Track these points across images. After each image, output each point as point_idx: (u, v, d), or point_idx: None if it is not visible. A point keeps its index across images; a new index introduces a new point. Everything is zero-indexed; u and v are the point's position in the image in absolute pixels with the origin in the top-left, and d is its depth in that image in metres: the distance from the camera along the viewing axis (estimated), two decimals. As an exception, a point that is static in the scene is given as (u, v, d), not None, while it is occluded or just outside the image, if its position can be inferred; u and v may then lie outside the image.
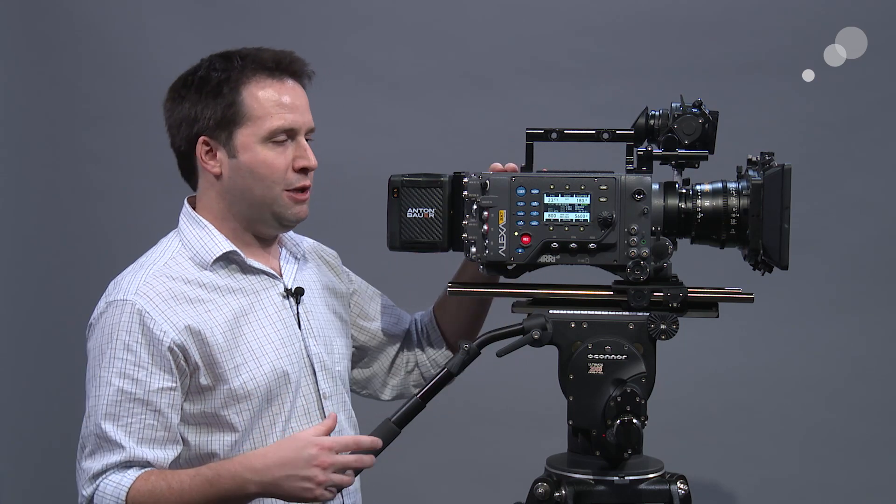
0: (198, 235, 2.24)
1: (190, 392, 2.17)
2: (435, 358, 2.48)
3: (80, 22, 3.62)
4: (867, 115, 3.47)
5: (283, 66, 2.23)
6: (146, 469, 2.10)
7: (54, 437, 3.69)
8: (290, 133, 2.22)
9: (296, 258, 2.35)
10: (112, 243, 3.63)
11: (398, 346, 2.49)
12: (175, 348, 2.13)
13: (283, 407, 2.22)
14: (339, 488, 2.09)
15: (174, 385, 2.14)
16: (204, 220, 2.25)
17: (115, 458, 2.09)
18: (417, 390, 2.11)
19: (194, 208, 2.28)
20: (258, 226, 2.26)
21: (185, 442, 2.18)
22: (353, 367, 2.47)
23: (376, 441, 2.06)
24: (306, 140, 2.25)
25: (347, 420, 2.34)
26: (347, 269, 2.50)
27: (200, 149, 2.22)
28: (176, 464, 2.16)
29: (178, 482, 2.08)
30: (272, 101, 2.20)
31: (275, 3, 3.58)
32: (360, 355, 2.48)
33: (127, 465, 2.10)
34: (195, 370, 2.15)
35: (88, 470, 2.11)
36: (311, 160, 2.23)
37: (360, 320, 2.47)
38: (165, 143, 3.69)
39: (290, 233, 2.37)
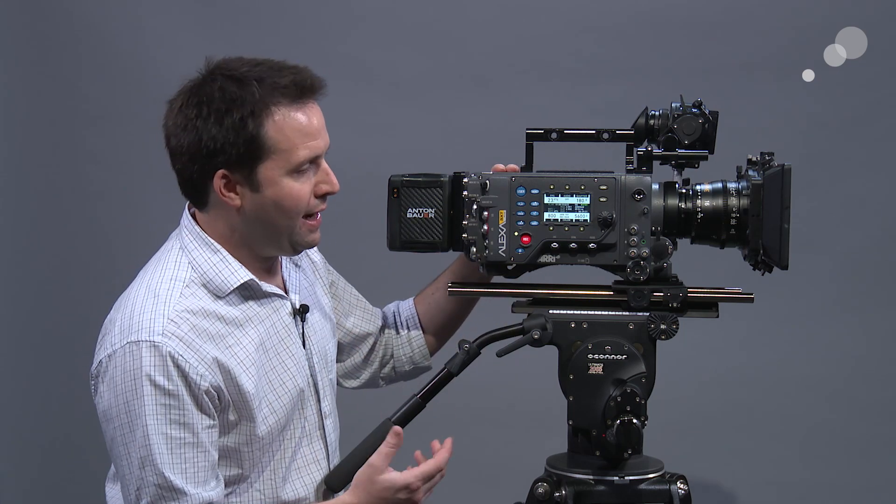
0: (211, 261, 2.12)
1: (220, 427, 2.11)
2: (412, 355, 2.45)
3: (80, 22, 3.62)
4: (867, 115, 3.47)
5: (304, 91, 2.09)
6: None
7: (54, 437, 3.69)
8: (314, 160, 2.12)
9: (296, 264, 2.30)
10: (112, 243, 3.63)
11: (373, 340, 2.45)
12: (212, 390, 2.05)
13: (295, 433, 2.18)
14: None
15: (214, 423, 2.07)
16: (216, 244, 2.13)
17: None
18: (417, 390, 2.12)
19: (197, 222, 2.16)
20: (270, 250, 2.16)
21: None
22: None
23: (440, 460, 2.11)
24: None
25: (335, 431, 2.30)
26: (323, 257, 2.43)
27: (218, 182, 2.07)
28: None
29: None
30: (297, 131, 2.07)
31: (274, 3, 3.58)
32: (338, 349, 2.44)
33: None
34: (227, 407, 2.09)
35: None
36: (335, 185, 2.14)
37: (338, 315, 2.42)
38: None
39: None
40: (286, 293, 2.22)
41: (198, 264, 2.12)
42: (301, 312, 2.22)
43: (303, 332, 2.22)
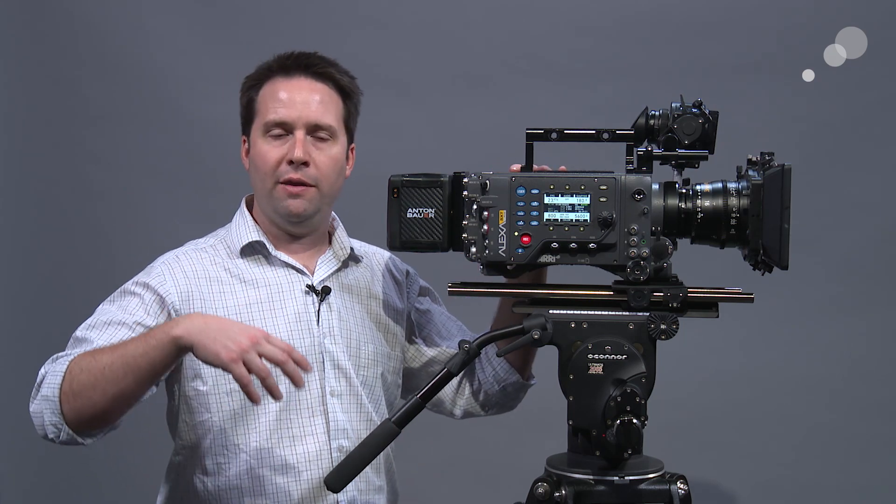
0: (237, 223, 2.38)
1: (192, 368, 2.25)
2: (497, 372, 2.47)
3: (80, 22, 3.62)
4: (867, 115, 3.47)
5: (287, 64, 2.33)
6: None
7: (54, 437, 3.69)
8: (286, 127, 2.31)
9: (340, 260, 2.40)
10: (112, 243, 3.64)
11: None
12: (166, 304, 2.25)
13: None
14: (259, 376, 2.02)
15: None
16: (247, 212, 2.39)
17: (78, 349, 2.18)
18: (417, 391, 2.11)
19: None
20: (275, 218, 2.35)
21: (181, 420, 2.28)
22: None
23: (304, 361, 2.05)
24: (320, 138, 2.32)
25: (364, 422, 2.35)
26: (425, 289, 2.53)
27: (242, 146, 2.39)
28: (176, 438, 2.30)
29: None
30: (272, 96, 2.32)
31: (275, 3, 3.58)
32: (425, 377, 2.49)
33: None
34: None
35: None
36: (295, 152, 2.29)
37: (434, 337, 2.50)
38: (165, 143, 3.70)
39: (343, 236, 2.43)
40: (311, 273, 2.35)
41: (230, 227, 2.39)
42: (319, 293, 2.34)
43: (318, 310, 2.32)
